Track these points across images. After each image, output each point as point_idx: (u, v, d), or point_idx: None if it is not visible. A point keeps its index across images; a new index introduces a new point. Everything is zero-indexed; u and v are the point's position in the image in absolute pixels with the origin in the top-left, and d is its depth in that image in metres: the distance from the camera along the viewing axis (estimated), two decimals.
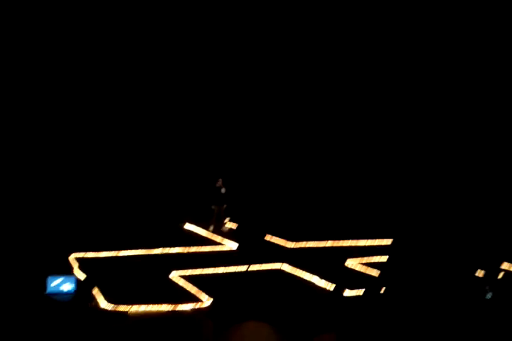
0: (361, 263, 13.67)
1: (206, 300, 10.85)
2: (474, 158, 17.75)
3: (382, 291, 11.84)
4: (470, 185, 17.45)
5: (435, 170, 18.20)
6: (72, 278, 10.90)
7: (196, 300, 10.82)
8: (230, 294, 11.28)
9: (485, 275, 12.36)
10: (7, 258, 12.45)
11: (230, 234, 15.96)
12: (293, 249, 15.09)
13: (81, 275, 11.71)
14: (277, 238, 15.68)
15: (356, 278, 12.67)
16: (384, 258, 13.98)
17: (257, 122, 19.36)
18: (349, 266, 13.60)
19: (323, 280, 12.19)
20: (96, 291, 10.80)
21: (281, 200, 19.30)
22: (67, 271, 11.70)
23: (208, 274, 12.45)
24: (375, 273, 13.01)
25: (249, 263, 13.01)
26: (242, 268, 12.89)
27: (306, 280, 12.38)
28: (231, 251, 14.52)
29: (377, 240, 15.66)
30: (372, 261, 13.89)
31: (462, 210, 16.86)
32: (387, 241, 15.64)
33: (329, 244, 15.35)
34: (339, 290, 11.76)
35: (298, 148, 19.91)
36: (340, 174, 19.62)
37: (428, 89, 18.66)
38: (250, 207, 18.49)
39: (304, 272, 12.71)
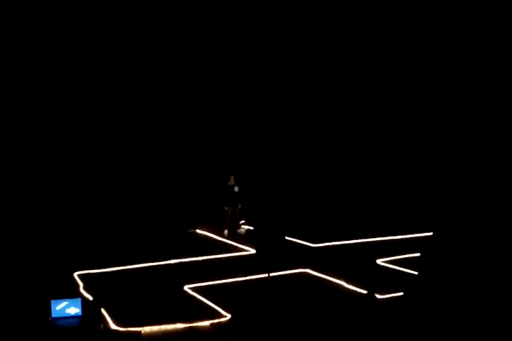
0: (394, 262, 13.53)
1: (225, 315, 10.55)
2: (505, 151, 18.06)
3: (419, 293, 11.45)
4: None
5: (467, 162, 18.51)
6: (78, 300, 10.66)
7: (214, 315, 10.56)
8: (251, 306, 10.99)
9: None
10: (4, 280, 12.28)
11: (246, 238, 15.98)
12: (317, 249, 15.04)
13: (87, 296, 11.51)
14: (299, 239, 15.78)
15: (389, 279, 12.51)
16: (416, 255, 13.84)
17: (265, 119, 20.11)
18: (381, 265, 13.46)
19: (353, 283, 12.05)
20: (105, 312, 10.59)
21: (300, 198, 19.53)
22: (72, 291, 11.52)
23: (226, 284, 12.22)
24: (410, 272, 12.83)
25: (271, 269, 12.86)
26: (263, 275, 12.70)
27: (334, 284, 12.21)
28: (249, 257, 14.39)
29: (409, 235, 15.61)
30: (405, 258, 13.80)
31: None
32: (420, 235, 15.58)
33: (356, 242, 15.48)
34: (371, 293, 11.54)
35: (313, 144, 20.70)
36: (359, 170, 20.26)
37: (429, 89, 19.48)
38: (267, 207, 18.59)
39: (331, 275, 12.57)
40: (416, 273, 12.65)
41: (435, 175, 19.27)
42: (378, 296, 11.45)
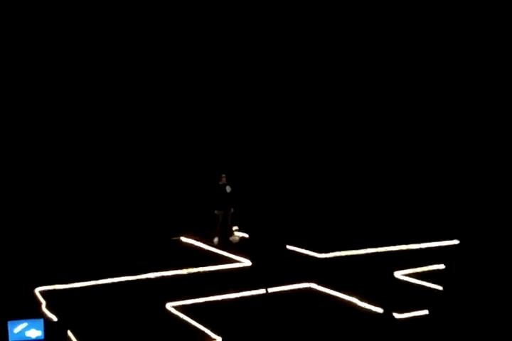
0: (414, 275, 13.52)
1: (215, 338, 10.59)
2: None
3: (444, 312, 11.56)
4: None
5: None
6: (40, 321, 10.57)
7: (202, 338, 10.59)
8: (245, 328, 10.99)
9: None
10: None
11: (240, 247, 16.03)
12: (324, 260, 15.08)
13: (51, 316, 11.52)
14: (302, 249, 15.75)
15: (410, 295, 12.49)
16: (440, 267, 13.95)
17: (260, 111, 20.97)
18: (399, 279, 13.46)
19: (367, 301, 12.04)
20: (71, 335, 10.61)
21: (303, 199, 19.57)
22: (32, 311, 11.51)
23: (215, 302, 12.22)
24: (432, 286, 12.83)
25: (269, 284, 12.85)
26: (260, 291, 12.70)
27: (344, 302, 12.21)
28: (244, 270, 14.41)
29: (431, 243, 15.68)
30: (427, 270, 13.76)
31: None
32: (445, 244, 15.73)
33: (369, 251, 15.44)
34: (389, 312, 11.55)
35: (319, 137, 21.27)
36: (372, 168, 20.75)
37: (440, 90, 20.82)
38: (264, 210, 18.67)
39: (340, 291, 12.57)
40: (440, 288, 12.69)
41: (460, 175, 19.93)
42: (397, 316, 11.44)
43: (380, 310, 11.71)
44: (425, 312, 11.46)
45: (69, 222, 17.55)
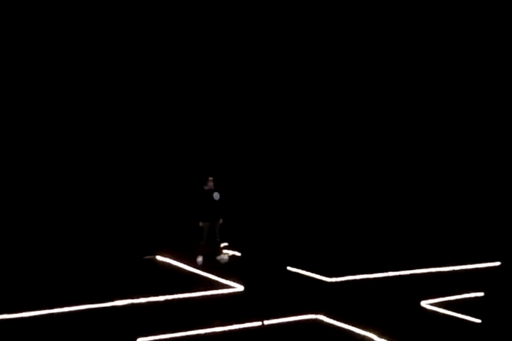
0: (445, 304, 13.54)
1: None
2: None
3: None
4: None
5: None
6: None
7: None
8: None
9: None
10: None
11: (230, 268, 16.13)
12: (334, 285, 15.09)
13: None
14: (306, 271, 15.81)
15: (440, 329, 12.41)
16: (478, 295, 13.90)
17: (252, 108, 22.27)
18: (427, 310, 13.47)
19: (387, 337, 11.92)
20: None
21: (307, 210, 20.00)
22: None
23: (198, 337, 12.00)
24: (468, 319, 12.82)
25: (266, 315, 12.74)
26: (255, 323, 12.57)
27: (359, 338, 12.05)
28: (235, 296, 14.38)
29: (465, 266, 16.00)
30: (461, 299, 13.89)
31: None
32: (482, 266, 16.03)
33: (390, 275, 15.62)
34: None
35: (324, 138, 22.52)
36: (390, 177, 21.91)
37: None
38: (260, 223, 18.98)
39: (355, 324, 12.43)
40: (478, 320, 12.63)
41: (501, 186, 21.19)
42: None
43: None
44: None
45: (17, 233, 17.85)
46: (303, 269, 15.96)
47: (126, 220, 18.74)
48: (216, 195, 16.52)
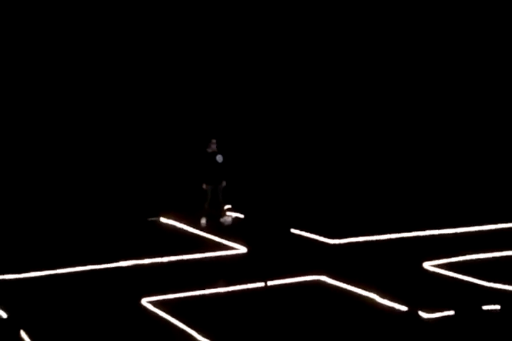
0: (448, 265, 13.62)
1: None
2: None
3: (483, 310, 11.35)
4: None
5: None
6: None
7: None
8: (239, 329, 10.97)
9: None
10: None
11: (234, 230, 16.13)
12: (336, 247, 15.14)
13: None
14: (309, 233, 15.86)
15: (441, 291, 12.50)
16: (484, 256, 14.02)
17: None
18: (429, 271, 13.55)
19: (389, 297, 12.07)
20: (25, 336, 10.59)
21: (310, 172, 19.97)
22: None
23: (203, 297, 12.25)
24: (471, 280, 12.89)
25: (269, 276, 12.81)
26: (258, 284, 12.71)
27: (361, 298, 12.23)
28: (238, 257, 14.49)
29: (469, 227, 15.83)
30: (464, 260, 13.88)
31: None
32: (487, 228, 15.94)
33: (393, 237, 15.58)
34: (414, 311, 11.56)
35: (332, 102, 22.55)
36: (395, 138, 21.85)
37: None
38: (263, 185, 19.00)
39: (356, 285, 12.60)
40: (480, 282, 12.72)
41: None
42: (424, 315, 11.44)
43: (404, 309, 11.73)
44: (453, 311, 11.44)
45: (24, 198, 17.92)
46: (306, 231, 16.05)
47: (131, 183, 18.83)
48: (219, 158, 16.54)
